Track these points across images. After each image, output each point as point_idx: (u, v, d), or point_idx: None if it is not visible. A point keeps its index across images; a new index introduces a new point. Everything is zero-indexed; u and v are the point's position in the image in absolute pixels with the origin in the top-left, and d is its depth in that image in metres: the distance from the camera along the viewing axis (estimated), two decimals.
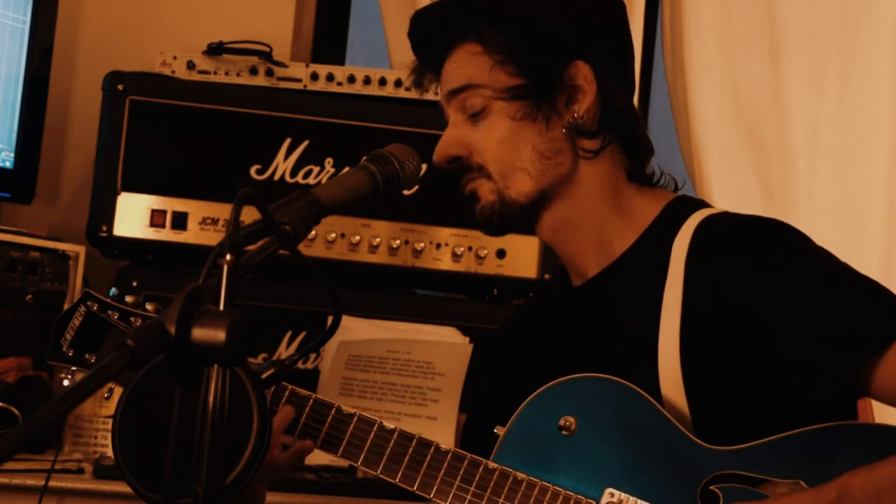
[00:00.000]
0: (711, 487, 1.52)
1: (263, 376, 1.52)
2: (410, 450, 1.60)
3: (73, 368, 1.69)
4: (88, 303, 1.69)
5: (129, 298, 1.69)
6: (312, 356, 2.64)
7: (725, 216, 1.66)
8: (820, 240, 1.66)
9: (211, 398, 1.13)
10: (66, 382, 2.23)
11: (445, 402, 2.53)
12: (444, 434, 2.48)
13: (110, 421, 1.55)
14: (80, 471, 2.30)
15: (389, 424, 1.62)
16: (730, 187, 3.18)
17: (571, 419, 1.57)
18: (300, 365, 2.64)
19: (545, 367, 1.71)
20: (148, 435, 1.47)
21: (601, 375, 1.58)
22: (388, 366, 2.53)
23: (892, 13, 3.27)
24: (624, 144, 1.71)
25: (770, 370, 1.55)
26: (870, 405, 2.61)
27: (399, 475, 1.60)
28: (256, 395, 1.47)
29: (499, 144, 1.65)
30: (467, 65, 1.67)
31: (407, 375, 2.53)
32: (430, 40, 1.73)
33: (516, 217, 1.68)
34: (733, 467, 1.52)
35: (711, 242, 1.61)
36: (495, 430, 1.60)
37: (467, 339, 2.57)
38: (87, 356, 1.68)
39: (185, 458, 1.15)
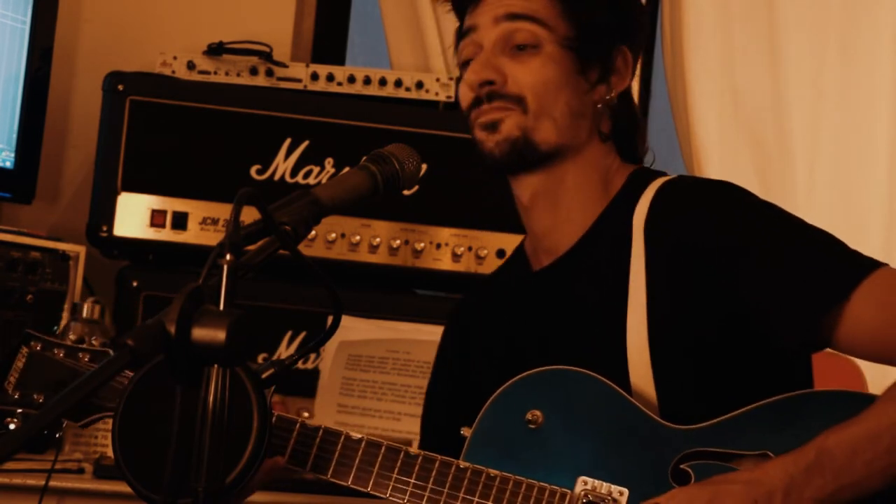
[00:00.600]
0: (682, 466, 1.53)
1: (263, 376, 1.52)
2: (380, 457, 1.59)
3: (19, 411, 1.66)
4: (32, 343, 1.67)
5: (72, 336, 1.68)
6: (312, 356, 2.64)
7: (681, 178, 1.69)
8: None
9: (211, 398, 1.13)
10: (11, 426, 2.21)
11: None
12: None
13: (110, 421, 1.55)
14: (81, 471, 2.30)
15: (356, 434, 1.60)
16: None
17: (538, 412, 1.58)
18: (300, 365, 2.64)
19: (509, 357, 1.71)
20: (148, 435, 1.47)
21: (564, 367, 1.59)
22: (388, 366, 2.53)
23: (891, 13, 3.27)
24: (614, 123, 1.75)
25: (734, 325, 1.57)
26: (862, 375, 2.63)
27: (370, 483, 1.58)
28: (256, 395, 1.47)
29: (544, 84, 1.65)
30: None
31: (407, 375, 2.54)
32: None
33: (529, 160, 1.66)
34: (702, 444, 1.53)
35: (668, 204, 1.64)
36: (462, 432, 1.61)
37: None
38: (35, 396, 1.66)
39: (185, 457, 1.15)
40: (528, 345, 1.71)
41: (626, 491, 1.54)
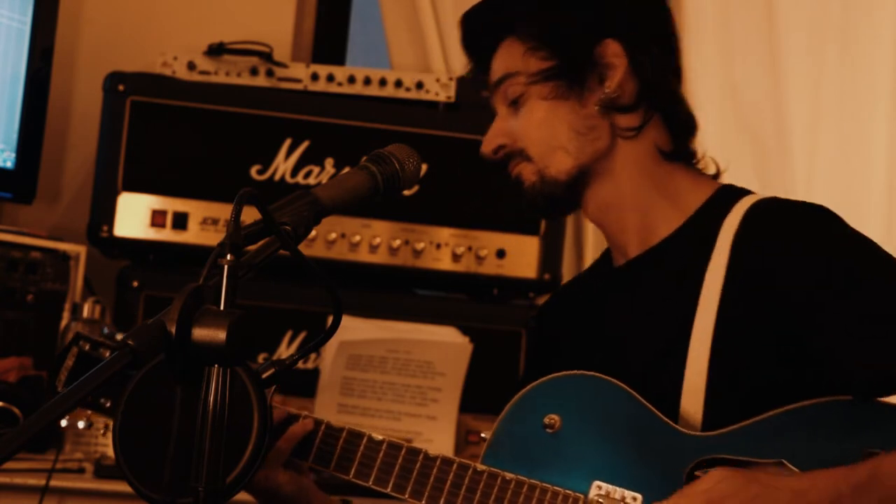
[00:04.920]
0: (697, 473, 1.53)
1: (263, 376, 1.52)
2: (400, 459, 1.62)
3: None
4: (81, 343, 1.71)
5: (119, 336, 1.71)
6: (312, 356, 2.64)
7: (774, 200, 1.68)
8: None
9: (211, 398, 1.13)
10: (63, 422, 2.27)
11: (445, 402, 2.54)
12: (443, 433, 2.49)
13: (111, 421, 1.55)
14: (81, 470, 2.30)
15: (378, 436, 1.63)
16: None
17: (556, 417, 1.59)
18: (300, 365, 2.64)
19: (585, 347, 1.73)
20: (149, 435, 1.47)
21: (582, 373, 1.61)
22: (388, 366, 2.53)
23: (890, 13, 3.27)
24: (665, 121, 1.73)
25: (801, 364, 1.57)
26: None
27: (390, 484, 1.62)
28: (257, 395, 1.47)
29: (536, 126, 1.70)
30: (505, 58, 1.73)
31: (407, 375, 2.54)
32: (476, 43, 1.78)
33: (560, 195, 1.72)
34: (718, 451, 1.54)
35: (760, 226, 1.63)
36: (482, 435, 1.63)
37: (467, 339, 2.58)
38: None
39: (186, 457, 1.15)
40: (602, 339, 1.73)
41: (639, 496, 1.55)
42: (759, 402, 1.57)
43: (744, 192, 1.71)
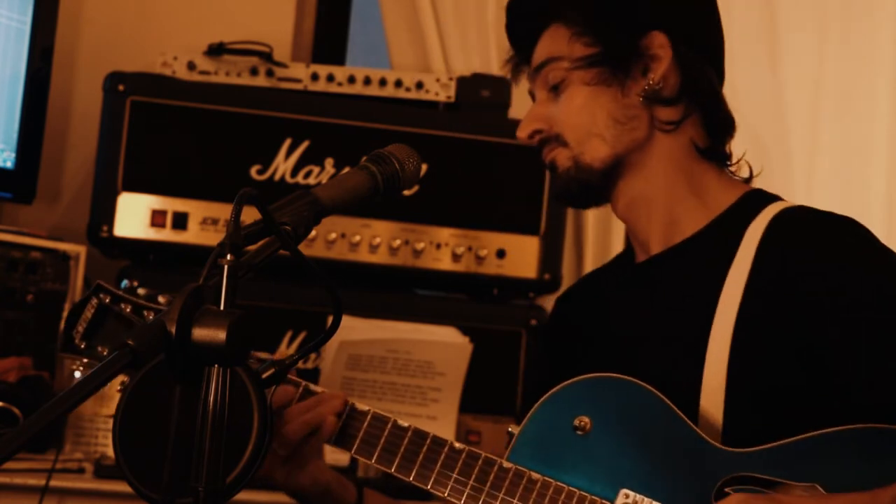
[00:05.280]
0: (727, 490, 1.51)
1: (264, 376, 1.52)
2: (425, 448, 1.60)
3: (85, 360, 1.67)
4: (101, 295, 1.67)
5: (141, 291, 1.67)
6: (312, 356, 2.64)
7: (802, 208, 1.68)
8: None
9: (211, 398, 1.13)
10: (77, 374, 2.22)
11: (445, 402, 2.54)
12: (443, 433, 2.48)
13: (111, 420, 1.55)
14: (81, 470, 2.30)
15: (403, 422, 1.62)
16: None
17: (586, 419, 1.57)
18: (300, 365, 2.64)
19: (602, 342, 1.73)
20: (149, 434, 1.47)
21: (617, 376, 1.58)
22: (388, 366, 2.53)
23: (891, 13, 3.27)
24: (704, 119, 1.74)
25: (817, 371, 1.55)
26: None
27: (413, 473, 1.60)
28: (257, 395, 1.47)
29: (576, 112, 1.69)
30: (549, 43, 1.72)
31: (407, 375, 2.54)
32: (522, 28, 1.78)
33: (593, 184, 1.71)
34: (749, 469, 1.52)
35: (785, 232, 1.62)
36: (509, 430, 1.61)
37: (467, 338, 2.58)
38: (99, 348, 1.66)
39: (186, 457, 1.15)
40: (621, 334, 1.72)
41: None
42: (778, 406, 1.57)
43: (773, 199, 1.71)
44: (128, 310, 1.65)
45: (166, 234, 2.63)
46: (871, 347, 1.53)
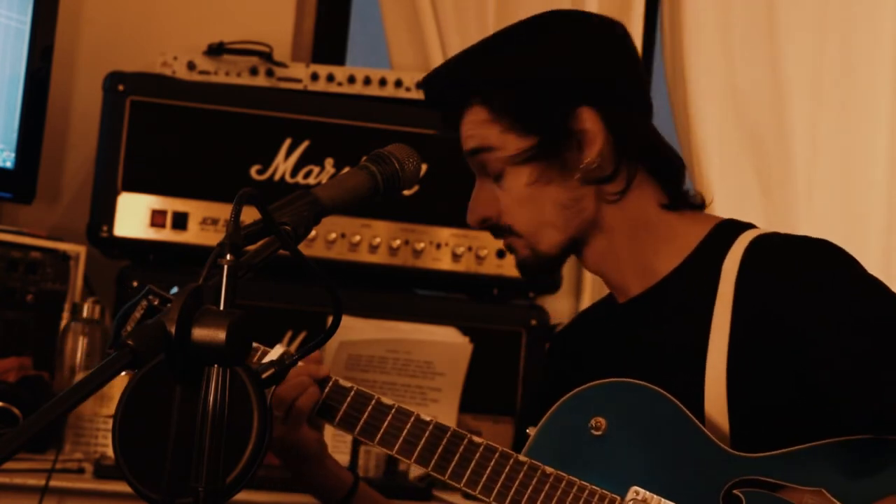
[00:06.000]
0: (735, 491, 1.54)
1: (263, 376, 1.52)
2: (445, 440, 1.62)
3: None
4: (150, 297, 1.72)
5: None
6: None
7: (776, 235, 1.67)
8: None
9: (211, 398, 1.13)
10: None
11: (445, 402, 2.54)
12: None
13: (111, 420, 1.55)
14: (81, 470, 2.30)
15: (426, 416, 1.65)
16: (729, 187, 3.18)
17: (602, 420, 1.60)
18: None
19: (601, 373, 1.72)
20: (148, 435, 1.47)
21: (633, 381, 1.61)
22: (388, 366, 2.53)
23: (891, 13, 3.27)
24: (652, 172, 1.72)
25: (809, 391, 1.58)
26: None
27: (432, 464, 1.62)
28: (257, 394, 1.47)
29: (520, 205, 1.69)
30: (478, 128, 1.70)
31: (407, 375, 2.54)
32: (442, 104, 1.77)
33: (556, 262, 1.73)
34: (757, 473, 1.55)
35: (762, 261, 1.63)
36: (527, 431, 1.63)
37: (467, 339, 2.58)
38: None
39: (186, 457, 1.15)
40: (618, 368, 1.71)
41: None
42: (779, 423, 1.59)
43: (744, 227, 1.70)
44: None
45: (166, 234, 2.63)
46: (853, 368, 1.55)
